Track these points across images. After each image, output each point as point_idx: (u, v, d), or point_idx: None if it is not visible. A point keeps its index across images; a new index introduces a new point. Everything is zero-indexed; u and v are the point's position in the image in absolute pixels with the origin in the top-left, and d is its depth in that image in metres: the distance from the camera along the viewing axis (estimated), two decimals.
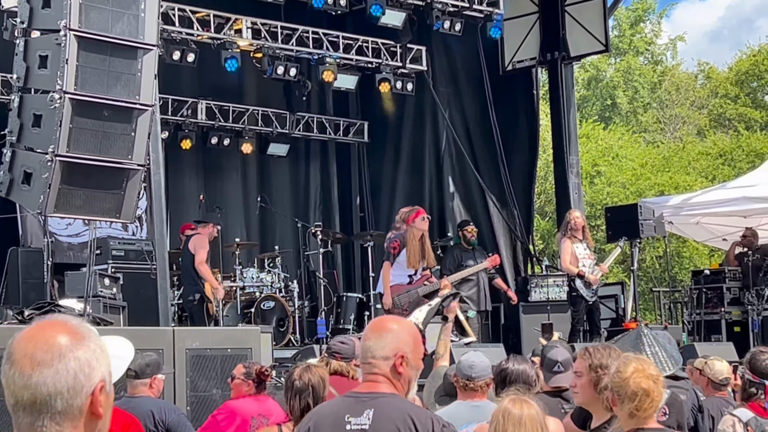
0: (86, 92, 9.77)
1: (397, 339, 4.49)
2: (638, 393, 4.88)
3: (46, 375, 2.54)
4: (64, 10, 9.66)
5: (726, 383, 9.34)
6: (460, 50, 21.07)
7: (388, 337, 4.48)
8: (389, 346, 4.47)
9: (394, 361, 4.45)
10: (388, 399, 4.44)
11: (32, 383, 2.54)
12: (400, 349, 4.47)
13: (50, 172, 9.61)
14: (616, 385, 4.95)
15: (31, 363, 2.55)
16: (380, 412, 4.38)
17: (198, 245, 15.05)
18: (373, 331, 4.55)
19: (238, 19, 17.84)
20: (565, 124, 20.34)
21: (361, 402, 4.42)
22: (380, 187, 21.82)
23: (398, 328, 4.55)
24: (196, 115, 19.98)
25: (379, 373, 4.45)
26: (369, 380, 4.48)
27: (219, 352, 10.16)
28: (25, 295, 15.05)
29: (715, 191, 21.32)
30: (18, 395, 2.55)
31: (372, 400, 4.41)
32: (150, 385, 7.71)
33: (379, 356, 4.45)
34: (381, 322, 4.67)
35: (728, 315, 17.57)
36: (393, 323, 4.60)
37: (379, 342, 4.47)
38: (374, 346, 4.47)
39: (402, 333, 4.53)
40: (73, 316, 2.75)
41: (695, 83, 49.56)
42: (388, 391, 4.45)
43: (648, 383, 4.91)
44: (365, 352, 4.49)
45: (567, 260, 16.07)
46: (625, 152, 41.35)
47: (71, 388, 2.55)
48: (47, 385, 2.54)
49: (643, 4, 49.85)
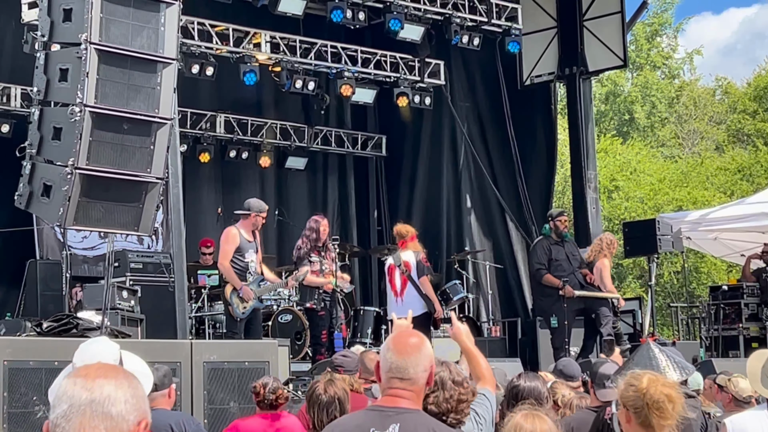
0: (106, 105, 9.79)
1: (428, 351, 4.53)
2: (662, 400, 4.82)
3: (111, 382, 2.62)
4: (85, 24, 9.69)
5: (749, 401, 9.32)
6: (478, 65, 21.10)
7: (423, 350, 4.50)
8: (427, 359, 4.49)
9: (429, 373, 4.48)
10: (414, 414, 4.44)
11: (95, 386, 2.61)
12: (432, 360, 4.52)
13: (70, 184, 9.63)
14: (632, 399, 4.89)
15: (96, 373, 2.63)
16: (406, 427, 4.38)
17: (223, 239, 13.41)
18: (408, 346, 4.51)
19: (257, 33, 17.91)
20: (583, 138, 20.33)
21: (387, 416, 4.41)
22: (398, 201, 21.83)
23: (422, 340, 4.58)
24: (215, 129, 20.04)
25: (413, 389, 4.45)
26: (391, 395, 4.46)
27: (236, 365, 10.16)
28: (44, 307, 15.11)
29: (733, 207, 21.25)
30: (76, 397, 2.59)
31: (397, 415, 4.40)
32: (168, 395, 7.72)
33: (420, 369, 4.46)
34: (409, 336, 4.62)
35: (746, 331, 17.50)
36: (416, 337, 4.60)
37: (419, 356, 4.47)
38: (413, 361, 4.46)
39: (426, 344, 4.56)
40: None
41: (713, 98, 49.45)
42: (412, 407, 4.45)
43: (668, 390, 4.86)
44: (401, 370, 4.45)
45: (610, 280, 15.77)
46: (643, 167, 41.28)
47: (128, 402, 2.62)
48: (109, 389, 2.61)
49: (660, 18, 49.79)
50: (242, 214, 13.37)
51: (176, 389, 8.17)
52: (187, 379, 9.77)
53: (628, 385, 4.95)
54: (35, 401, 8.64)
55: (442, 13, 18.49)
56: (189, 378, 9.82)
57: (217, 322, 16.04)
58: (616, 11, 20.13)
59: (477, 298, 19.63)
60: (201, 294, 16.10)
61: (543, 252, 15.40)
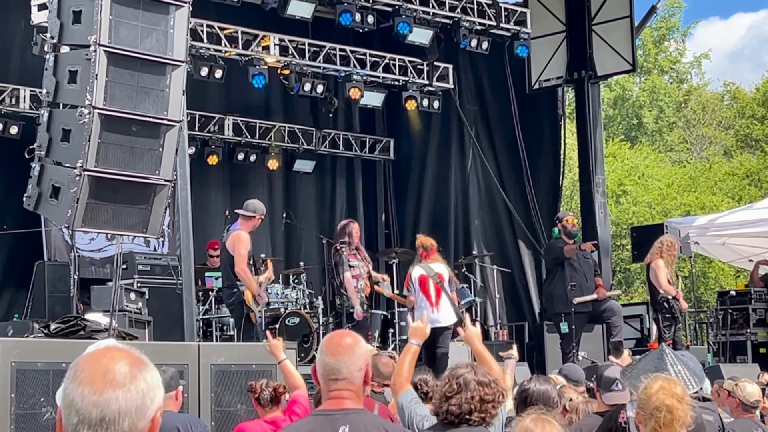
0: (115, 107, 9.81)
1: (362, 351, 4.53)
2: (661, 409, 4.86)
3: (118, 394, 2.57)
4: (94, 26, 9.71)
5: (756, 405, 9.31)
6: (486, 68, 21.09)
7: (357, 350, 4.50)
8: (361, 359, 4.50)
9: (364, 372, 4.49)
10: (361, 414, 4.48)
11: (103, 401, 2.56)
12: (368, 359, 4.53)
13: (78, 186, 9.64)
14: (642, 402, 4.95)
15: (103, 381, 2.57)
16: (356, 428, 4.40)
17: (237, 243, 12.81)
18: (341, 347, 4.51)
19: (265, 36, 17.91)
20: (591, 143, 20.31)
21: (335, 419, 4.42)
22: (405, 205, 21.84)
23: (356, 340, 4.58)
24: (223, 131, 20.06)
25: (352, 388, 4.46)
26: (334, 397, 4.48)
27: (244, 368, 10.15)
28: (51, 309, 15.11)
29: (741, 212, 21.26)
30: (85, 412, 2.56)
31: (345, 417, 4.42)
32: (175, 397, 7.72)
33: (354, 369, 4.47)
34: (342, 336, 4.62)
35: (754, 336, 17.49)
36: (350, 336, 4.61)
37: (351, 356, 4.48)
38: (346, 361, 4.47)
39: (361, 343, 4.57)
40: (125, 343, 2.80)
41: (721, 103, 49.41)
42: (357, 407, 4.48)
43: (672, 401, 4.88)
44: (336, 371, 4.46)
45: (665, 279, 15.73)
46: (651, 172, 41.26)
47: (139, 409, 2.59)
48: (119, 403, 2.57)
49: (667, 22, 49.76)
50: (246, 216, 13.21)
51: (183, 391, 8.17)
52: (194, 382, 9.77)
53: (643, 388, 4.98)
54: (43, 402, 8.64)
55: (451, 17, 18.48)
56: (196, 380, 9.82)
57: (224, 324, 16.04)
58: (625, 15, 20.10)
59: (484, 302, 19.61)
60: (208, 296, 16.11)
61: (557, 255, 15.48)
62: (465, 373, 5.33)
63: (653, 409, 4.88)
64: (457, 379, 5.34)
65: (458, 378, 5.34)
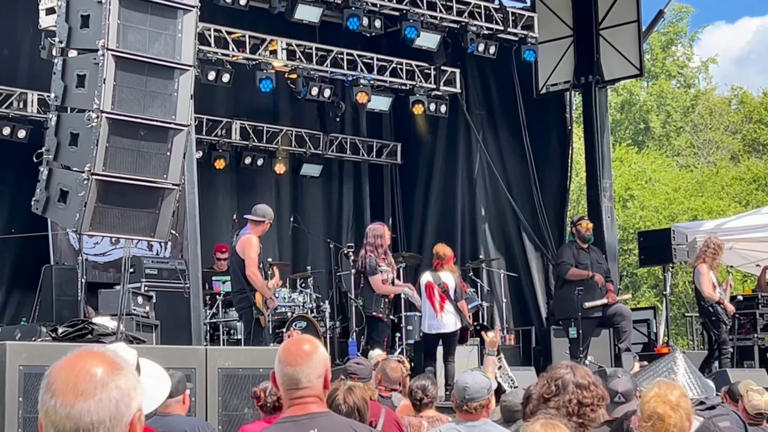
0: (123, 111, 9.82)
1: (320, 357, 4.50)
2: (652, 417, 4.88)
3: (90, 405, 2.57)
4: (102, 30, 9.72)
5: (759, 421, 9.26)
6: (494, 73, 21.09)
7: (315, 357, 4.47)
8: (320, 366, 4.48)
9: (323, 378, 4.48)
10: (327, 417, 4.49)
11: (75, 413, 2.56)
12: (326, 364, 4.52)
13: (86, 190, 9.66)
14: (640, 408, 4.96)
15: (74, 393, 2.58)
16: (325, 430, 4.40)
17: (247, 247, 12.85)
18: (299, 356, 4.47)
19: (273, 40, 17.93)
20: (598, 147, 20.28)
21: (302, 424, 4.40)
22: (412, 209, 21.84)
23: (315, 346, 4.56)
24: (230, 135, 20.08)
25: (314, 394, 4.45)
26: (298, 404, 4.45)
27: (251, 372, 10.15)
28: (59, 313, 15.14)
29: (748, 216, 21.24)
30: (60, 425, 2.57)
31: (312, 421, 4.41)
32: (182, 401, 7.73)
33: (314, 377, 4.45)
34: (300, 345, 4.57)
35: (761, 341, 17.46)
36: (308, 343, 4.57)
37: (310, 365, 4.45)
38: (305, 371, 4.44)
39: (320, 350, 4.54)
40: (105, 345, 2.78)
41: (729, 108, 49.37)
42: (322, 410, 4.49)
43: (664, 408, 4.89)
44: (297, 379, 4.43)
45: (708, 285, 15.74)
46: (658, 176, 41.23)
47: (113, 417, 2.59)
48: (90, 415, 2.56)
49: (675, 27, 49.73)
50: (255, 221, 13.23)
51: (190, 395, 8.18)
52: (201, 386, 9.78)
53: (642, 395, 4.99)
54: None
55: (458, 21, 18.49)
56: (203, 384, 9.83)
57: (231, 328, 16.06)
58: (633, 20, 20.08)
59: (491, 307, 19.59)
60: (216, 300, 16.12)
61: (570, 254, 15.54)
62: (564, 374, 5.25)
63: (646, 416, 4.90)
64: (556, 381, 5.27)
65: (557, 380, 5.27)
